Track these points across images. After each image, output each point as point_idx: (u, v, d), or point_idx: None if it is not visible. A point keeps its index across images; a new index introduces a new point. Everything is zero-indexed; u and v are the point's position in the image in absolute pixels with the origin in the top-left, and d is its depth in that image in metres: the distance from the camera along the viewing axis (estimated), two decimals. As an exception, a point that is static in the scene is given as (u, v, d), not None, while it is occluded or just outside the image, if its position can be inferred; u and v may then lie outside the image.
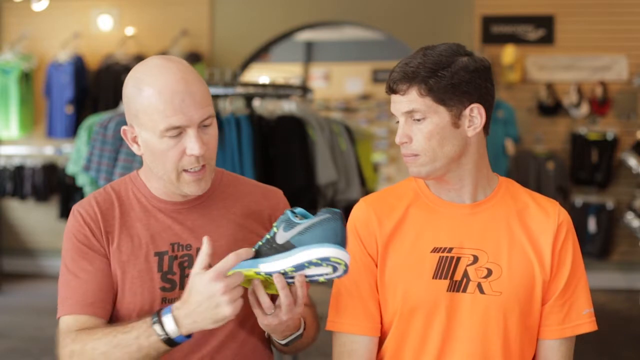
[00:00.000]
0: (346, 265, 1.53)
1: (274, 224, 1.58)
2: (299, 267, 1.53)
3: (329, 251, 1.51)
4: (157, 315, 1.58)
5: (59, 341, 1.68)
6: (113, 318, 1.75)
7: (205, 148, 1.67)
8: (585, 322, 1.78)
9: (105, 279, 1.71)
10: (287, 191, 1.94)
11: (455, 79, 1.67)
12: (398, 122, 1.74)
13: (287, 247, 1.54)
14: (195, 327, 1.56)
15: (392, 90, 1.72)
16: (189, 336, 1.59)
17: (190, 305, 1.54)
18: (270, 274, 1.55)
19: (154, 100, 1.64)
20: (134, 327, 1.60)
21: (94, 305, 1.69)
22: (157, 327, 1.57)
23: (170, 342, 1.57)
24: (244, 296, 1.75)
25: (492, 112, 1.75)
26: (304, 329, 1.70)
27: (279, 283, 1.55)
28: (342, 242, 1.53)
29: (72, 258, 1.73)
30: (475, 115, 1.71)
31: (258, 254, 1.57)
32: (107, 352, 1.59)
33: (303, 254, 1.52)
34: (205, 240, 1.56)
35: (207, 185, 1.73)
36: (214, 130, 1.71)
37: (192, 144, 1.65)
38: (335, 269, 1.53)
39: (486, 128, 1.75)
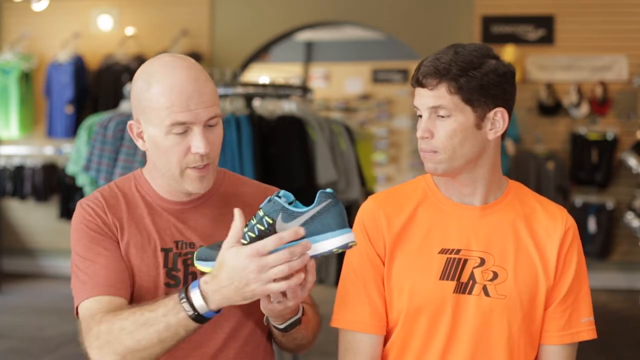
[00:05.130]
0: (355, 244, 1.55)
1: (262, 213, 1.56)
2: (317, 257, 1.53)
3: (347, 237, 1.53)
4: (185, 291, 1.54)
5: (83, 327, 1.64)
6: None
7: (210, 147, 1.67)
8: (584, 329, 1.78)
9: (122, 262, 1.71)
10: (287, 191, 1.94)
11: (484, 80, 1.67)
12: (420, 115, 1.73)
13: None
14: (224, 302, 1.51)
15: (419, 84, 1.70)
16: (218, 311, 1.54)
17: (219, 281, 1.50)
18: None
19: (163, 96, 1.65)
20: (161, 304, 1.55)
21: (115, 287, 1.67)
22: (185, 304, 1.52)
23: (199, 318, 1.53)
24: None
25: (512, 117, 1.75)
26: (303, 314, 1.70)
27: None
28: (347, 223, 1.55)
29: (85, 246, 1.71)
30: (498, 119, 1.71)
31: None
32: (135, 331, 1.55)
33: (323, 244, 1.52)
34: (237, 213, 1.53)
35: (209, 184, 1.73)
36: (219, 130, 1.72)
37: (197, 142, 1.66)
38: (345, 249, 1.54)
39: (504, 133, 1.75)
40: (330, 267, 5.14)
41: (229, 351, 1.75)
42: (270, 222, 1.55)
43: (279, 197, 1.56)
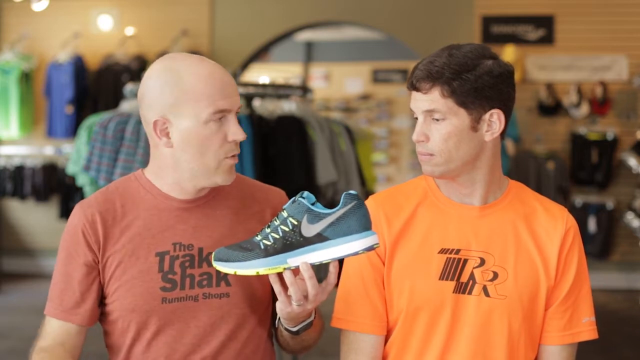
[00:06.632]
0: (378, 245, 1.57)
1: (287, 214, 1.55)
2: (342, 258, 1.54)
3: (371, 239, 1.54)
4: None
5: (39, 333, 1.77)
6: (112, 317, 1.76)
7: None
8: (585, 329, 1.78)
9: (87, 287, 1.74)
10: (287, 191, 1.94)
11: (478, 83, 1.66)
12: (416, 118, 1.73)
13: (319, 239, 1.54)
14: None
15: (413, 87, 1.71)
16: None
17: None
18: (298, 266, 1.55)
19: (201, 86, 1.66)
20: None
21: (70, 313, 1.74)
22: None
23: None
24: (244, 296, 1.75)
25: (510, 117, 1.74)
26: (314, 317, 1.70)
27: (307, 272, 1.55)
28: (370, 225, 1.56)
29: (62, 259, 1.77)
30: (494, 121, 1.70)
31: (274, 250, 1.54)
32: None
33: (349, 246, 1.53)
34: None
35: (235, 175, 1.76)
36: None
37: (235, 129, 1.69)
38: (369, 250, 1.56)
39: (503, 133, 1.74)
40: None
41: (228, 353, 1.75)
42: (296, 223, 1.54)
43: (303, 198, 1.56)
